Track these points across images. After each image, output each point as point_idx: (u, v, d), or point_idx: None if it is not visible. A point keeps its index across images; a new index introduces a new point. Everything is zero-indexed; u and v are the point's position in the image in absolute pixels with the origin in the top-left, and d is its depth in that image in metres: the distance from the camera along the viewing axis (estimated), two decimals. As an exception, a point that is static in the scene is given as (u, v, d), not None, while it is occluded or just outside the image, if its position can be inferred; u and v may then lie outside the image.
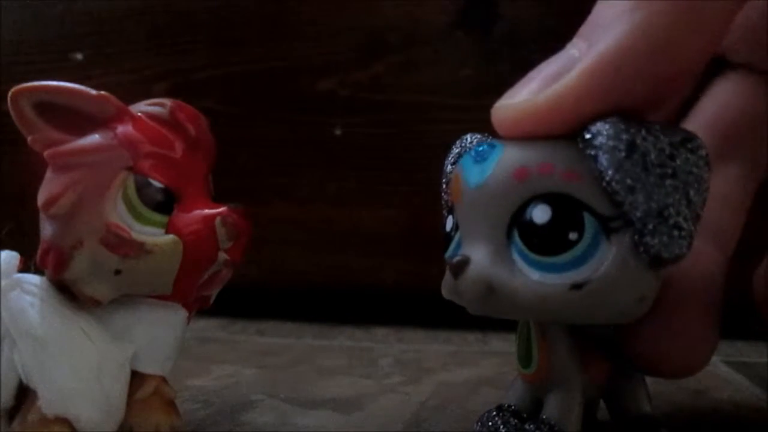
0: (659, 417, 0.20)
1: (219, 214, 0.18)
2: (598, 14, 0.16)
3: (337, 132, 0.37)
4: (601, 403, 0.20)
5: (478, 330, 0.37)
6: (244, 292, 0.32)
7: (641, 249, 0.15)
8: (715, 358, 0.32)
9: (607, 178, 0.15)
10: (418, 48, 0.37)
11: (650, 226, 0.15)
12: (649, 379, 0.20)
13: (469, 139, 0.19)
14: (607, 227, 0.15)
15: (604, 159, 0.15)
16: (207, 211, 0.18)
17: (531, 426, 0.18)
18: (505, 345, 0.34)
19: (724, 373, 0.30)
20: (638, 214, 0.15)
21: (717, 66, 0.22)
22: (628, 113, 0.15)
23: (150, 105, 0.19)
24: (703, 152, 0.15)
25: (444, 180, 0.19)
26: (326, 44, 0.37)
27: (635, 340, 0.18)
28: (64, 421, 0.17)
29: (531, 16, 0.35)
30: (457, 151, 0.19)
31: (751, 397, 0.27)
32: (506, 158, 0.16)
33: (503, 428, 0.18)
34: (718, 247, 0.20)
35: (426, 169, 0.22)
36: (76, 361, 0.17)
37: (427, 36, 0.36)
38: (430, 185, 0.21)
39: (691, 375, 0.19)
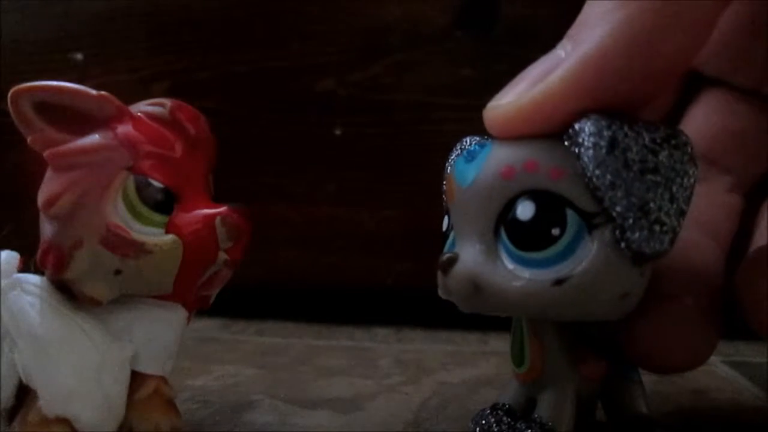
0: (655, 417, 0.20)
1: (219, 213, 0.18)
2: (584, 15, 0.16)
3: (337, 132, 0.37)
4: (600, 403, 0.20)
5: (478, 330, 0.37)
6: (244, 292, 0.32)
7: (623, 244, 0.15)
8: (715, 358, 0.32)
9: (589, 174, 0.15)
10: (418, 48, 0.36)
11: (630, 221, 0.15)
12: (648, 379, 0.20)
13: (467, 141, 0.19)
14: (589, 223, 0.16)
15: (586, 155, 0.15)
16: (207, 210, 0.18)
17: (523, 425, 0.18)
18: (505, 345, 0.34)
19: (724, 373, 0.30)
20: (618, 209, 0.15)
21: (696, 83, 0.23)
22: (614, 111, 0.15)
23: (150, 105, 0.19)
24: (688, 148, 0.16)
25: (444, 181, 0.20)
26: (326, 44, 0.37)
27: (633, 334, 0.18)
28: (64, 421, 0.17)
29: (531, 16, 0.35)
30: (456, 153, 0.19)
31: (751, 397, 0.27)
32: (494, 157, 0.16)
33: (496, 427, 0.18)
34: (716, 243, 0.21)
35: (426, 169, 0.22)
36: (76, 361, 0.17)
37: (427, 36, 0.36)
38: (430, 185, 0.21)
39: (691, 369, 0.19)
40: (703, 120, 0.22)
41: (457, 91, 0.36)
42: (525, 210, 0.16)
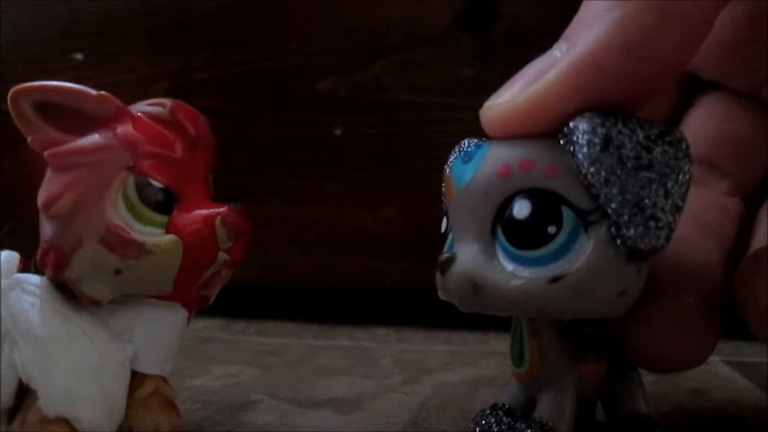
0: (655, 417, 0.20)
1: (219, 213, 0.18)
2: (581, 15, 0.16)
3: (337, 132, 0.37)
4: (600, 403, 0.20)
5: (478, 330, 0.37)
6: (244, 292, 0.32)
7: (618, 241, 0.15)
8: (715, 358, 0.32)
9: (584, 171, 0.15)
10: (418, 48, 0.37)
11: (625, 218, 0.15)
12: (648, 379, 0.20)
13: (465, 143, 0.19)
14: (585, 220, 0.16)
15: (580, 153, 0.15)
16: (207, 211, 0.18)
17: (523, 425, 0.18)
18: (505, 345, 0.34)
19: (724, 373, 0.30)
20: (613, 205, 0.15)
21: (695, 86, 0.23)
22: (609, 110, 0.16)
23: (150, 105, 0.19)
24: (683, 145, 0.16)
25: (442, 183, 0.20)
26: (326, 44, 0.37)
27: (633, 333, 0.18)
28: (64, 421, 0.17)
29: (531, 16, 0.35)
30: (454, 155, 0.19)
31: (751, 397, 0.27)
32: (490, 157, 0.17)
33: (496, 427, 0.18)
34: (715, 243, 0.20)
35: (426, 169, 0.22)
36: (76, 361, 0.17)
37: (427, 36, 0.36)
38: (430, 185, 0.21)
39: (691, 367, 0.19)
40: (701, 123, 0.22)
41: (457, 91, 0.36)
42: (521, 208, 0.16)
